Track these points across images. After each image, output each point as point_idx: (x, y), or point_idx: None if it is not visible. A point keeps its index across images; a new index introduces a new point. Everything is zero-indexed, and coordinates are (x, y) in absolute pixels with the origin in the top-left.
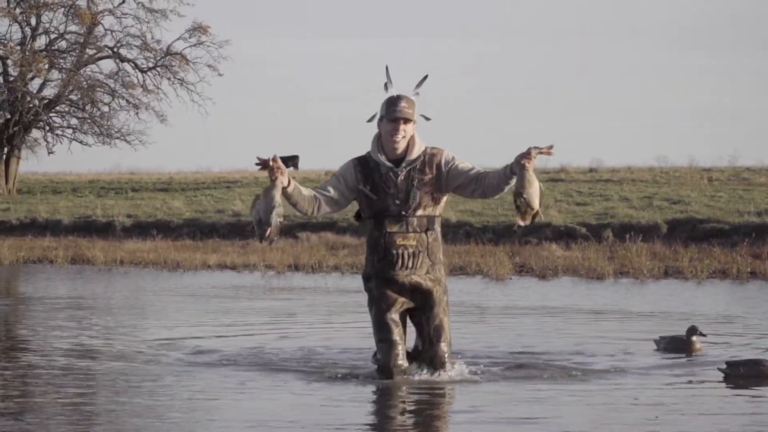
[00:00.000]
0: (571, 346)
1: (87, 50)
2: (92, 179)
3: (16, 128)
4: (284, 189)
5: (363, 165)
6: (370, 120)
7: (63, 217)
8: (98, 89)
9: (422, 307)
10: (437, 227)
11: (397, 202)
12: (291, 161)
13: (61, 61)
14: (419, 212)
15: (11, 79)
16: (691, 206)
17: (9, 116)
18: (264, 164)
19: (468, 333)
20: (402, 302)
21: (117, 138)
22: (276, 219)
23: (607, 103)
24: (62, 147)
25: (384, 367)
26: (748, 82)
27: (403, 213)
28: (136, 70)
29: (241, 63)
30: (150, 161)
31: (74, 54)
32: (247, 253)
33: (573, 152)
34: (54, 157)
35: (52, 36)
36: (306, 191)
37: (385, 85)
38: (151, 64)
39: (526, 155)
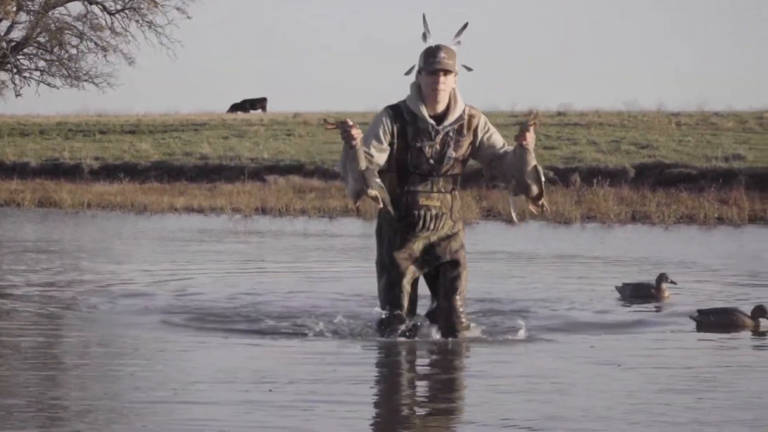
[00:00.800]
0: (539, 294)
1: None
2: (60, 121)
3: None
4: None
5: (397, 115)
6: (407, 73)
7: (30, 160)
8: (66, 31)
9: (437, 260)
10: (458, 185)
11: (432, 161)
12: (258, 103)
13: (29, 3)
14: (448, 173)
15: None
16: (659, 151)
17: None
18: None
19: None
20: (415, 268)
21: (85, 80)
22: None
23: (576, 47)
24: (30, 89)
25: (384, 334)
26: (717, 27)
27: (434, 173)
28: (105, 13)
29: (209, 5)
30: (118, 103)
31: None
32: (214, 196)
33: (542, 96)
34: (21, 99)
35: None
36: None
37: (423, 35)
38: (119, 7)
39: (521, 135)
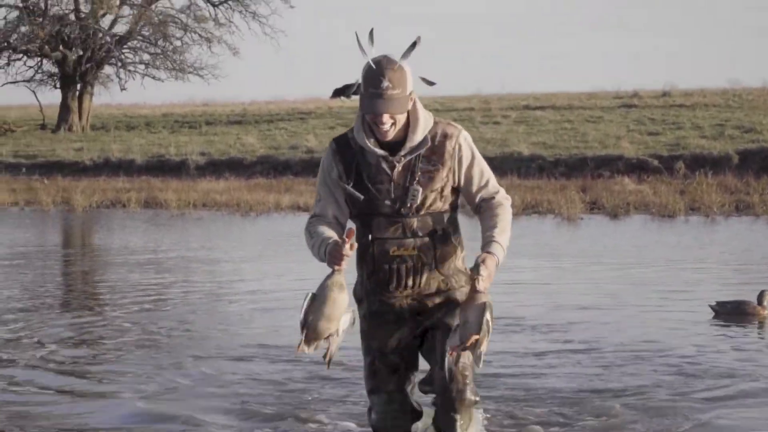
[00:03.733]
0: (640, 335)
1: None
2: (166, 112)
3: (88, 65)
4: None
5: (342, 149)
6: (353, 93)
7: (136, 156)
8: (170, 24)
9: (434, 326)
10: (449, 224)
11: (388, 202)
12: (350, 90)
13: None
14: (422, 211)
15: (83, 16)
16: (763, 135)
17: (81, 53)
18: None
19: (532, 298)
20: (402, 335)
21: (190, 72)
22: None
23: (678, 24)
24: (135, 83)
25: (378, 428)
26: None
27: (401, 213)
28: (208, 4)
29: None
30: (224, 94)
31: None
32: None
33: (646, 76)
34: (127, 93)
35: None
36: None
37: (362, 51)
38: None
39: (473, 285)
